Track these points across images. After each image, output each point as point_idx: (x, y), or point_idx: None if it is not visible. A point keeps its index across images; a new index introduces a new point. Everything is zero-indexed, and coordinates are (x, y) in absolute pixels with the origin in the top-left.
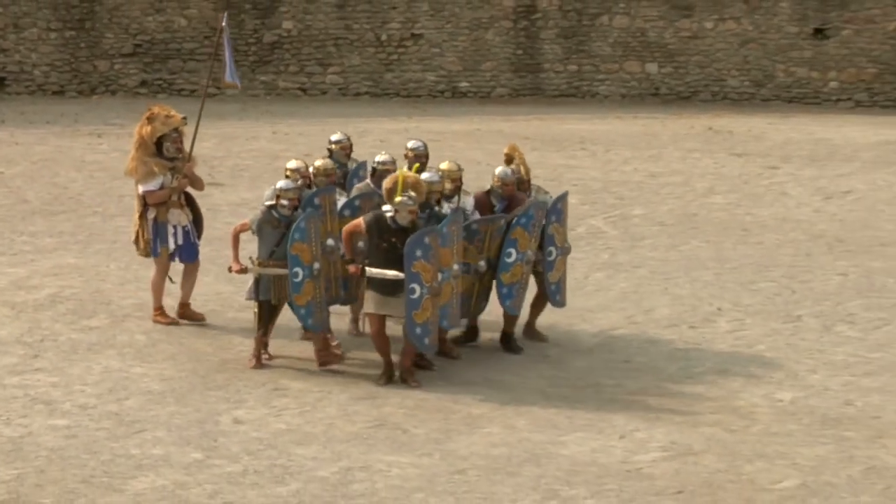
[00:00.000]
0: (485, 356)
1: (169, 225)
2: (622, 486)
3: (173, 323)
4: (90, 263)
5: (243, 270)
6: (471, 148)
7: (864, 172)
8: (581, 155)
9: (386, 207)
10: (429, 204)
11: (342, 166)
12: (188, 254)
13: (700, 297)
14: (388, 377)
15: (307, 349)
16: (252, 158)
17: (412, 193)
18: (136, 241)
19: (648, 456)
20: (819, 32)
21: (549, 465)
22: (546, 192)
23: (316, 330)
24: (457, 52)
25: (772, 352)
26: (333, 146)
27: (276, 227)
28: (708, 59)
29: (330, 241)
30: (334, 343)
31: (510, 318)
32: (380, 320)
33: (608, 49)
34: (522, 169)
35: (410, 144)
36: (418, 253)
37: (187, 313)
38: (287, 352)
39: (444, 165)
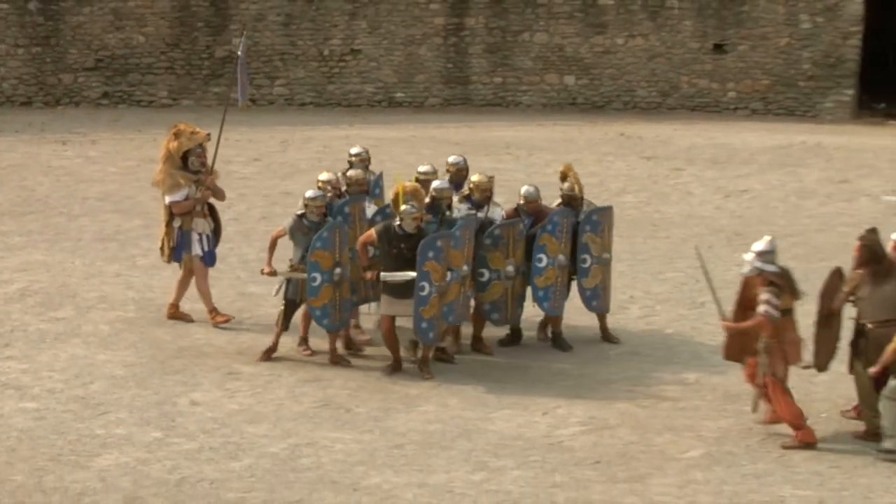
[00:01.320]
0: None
1: (194, 233)
2: (545, 457)
3: (230, 320)
4: (56, 260)
5: (273, 273)
6: (406, 153)
7: (759, 173)
8: (506, 159)
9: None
10: (440, 209)
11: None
12: (209, 260)
13: (615, 287)
14: (395, 370)
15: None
16: None
17: (413, 202)
18: (161, 248)
19: (569, 430)
20: (718, 48)
21: (479, 439)
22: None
23: (331, 330)
24: (392, 66)
25: (679, 335)
26: (353, 158)
27: (306, 233)
28: (619, 71)
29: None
30: (364, 337)
31: (554, 320)
32: (391, 320)
33: (530, 63)
34: (577, 188)
35: (451, 160)
36: (430, 254)
37: (177, 314)
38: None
39: (475, 178)
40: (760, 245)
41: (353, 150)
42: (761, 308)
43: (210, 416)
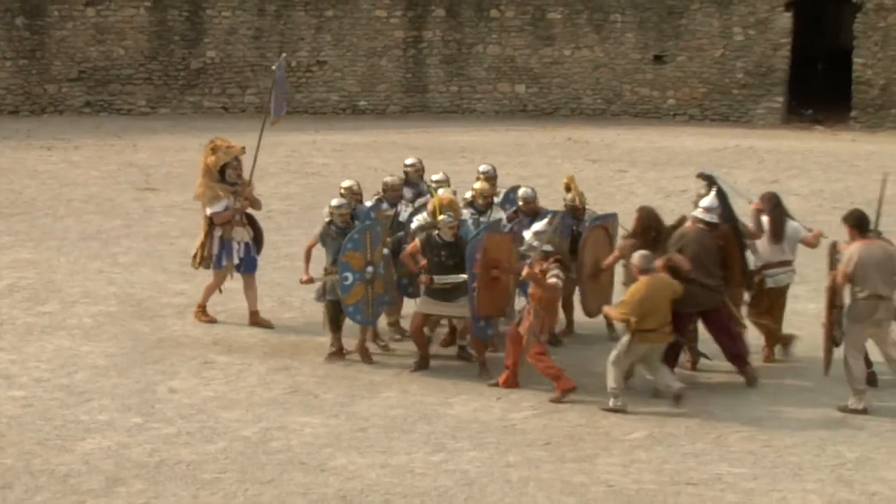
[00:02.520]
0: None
1: (234, 241)
2: (499, 439)
3: (212, 321)
4: (43, 258)
5: (310, 280)
6: (369, 157)
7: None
8: (462, 162)
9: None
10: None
11: (416, 186)
12: (248, 266)
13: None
14: (420, 367)
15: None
16: (182, 167)
17: (451, 212)
18: (195, 256)
19: (521, 414)
20: (658, 58)
21: (438, 423)
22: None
23: (365, 324)
24: (356, 76)
25: (621, 325)
26: (409, 169)
27: (335, 238)
28: (567, 80)
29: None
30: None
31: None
32: (422, 318)
33: (483, 73)
34: (578, 200)
35: (482, 168)
36: (478, 255)
37: (258, 320)
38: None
39: (477, 185)
40: (538, 226)
41: (408, 161)
42: (552, 279)
43: (187, 403)
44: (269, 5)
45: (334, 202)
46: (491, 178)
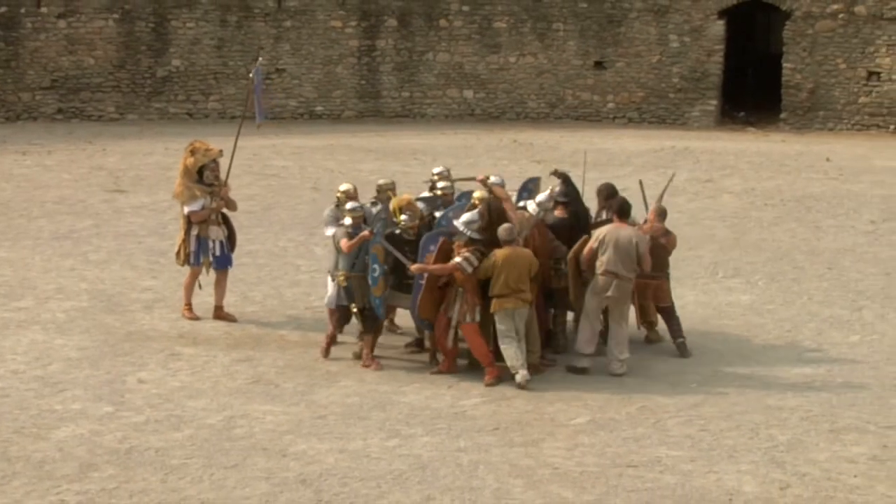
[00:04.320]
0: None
1: (209, 240)
2: (451, 425)
3: (196, 318)
4: (18, 256)
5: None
6: (325, 159)
7: (635, 174)
8: (413, 164)
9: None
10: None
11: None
12: (222, 263)
13: None
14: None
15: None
16: (149, 170)
17: (410, 212)
18: (178, 253)
19: (471, 401)
20: (598, 65)
21: (393, 410)
22: None
23: (382, 318)
24: (313, 83)
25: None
26: (435, 177)
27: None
28: (512, 86)
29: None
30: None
31: None
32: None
33: (433, 79)
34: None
35: (492, 179)
36: (431, 248)
37: (221, 315)
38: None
39: (477, 194)
40: (467, 216)
41: (436, 170)
42: (458, 259)
43: (155, 393)
44: (231, 16)
45: (350, 206)
46: (445, 178)
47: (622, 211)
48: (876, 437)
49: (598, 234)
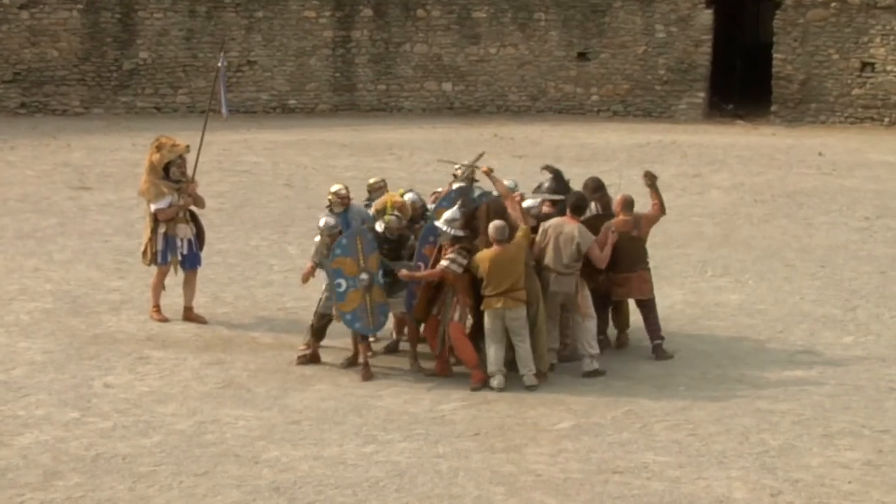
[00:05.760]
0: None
1: (177, 238)
2: (429, 430)
3: (165, 320)
4: None
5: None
6: (299, 155)
7: (620, 169)
8: (390, 159)
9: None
10: (416, 219)
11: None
12: (191, 262)
13: None
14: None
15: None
16: (116, 166)
17: (399, 214)
18: (144, 253)
19: (450, 405)
20: (582, 56)
21: (369, 414)
22: None
23: (367, 332)
24: (285, 76)
25: None
26: (458, 172)
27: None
28: (492, 78)
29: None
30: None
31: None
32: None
33: (411, 71)
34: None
35: (507, 183)
36: (431, 239)
37: (191, 316)
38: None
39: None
40: (448, 214)
41: (456, 167)
42: (444, 262)
43: (122, 398)
44: (200, 6)
45: (322, 221)
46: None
47: (575, 207)
48: (871, 441)
49: (543, 227)
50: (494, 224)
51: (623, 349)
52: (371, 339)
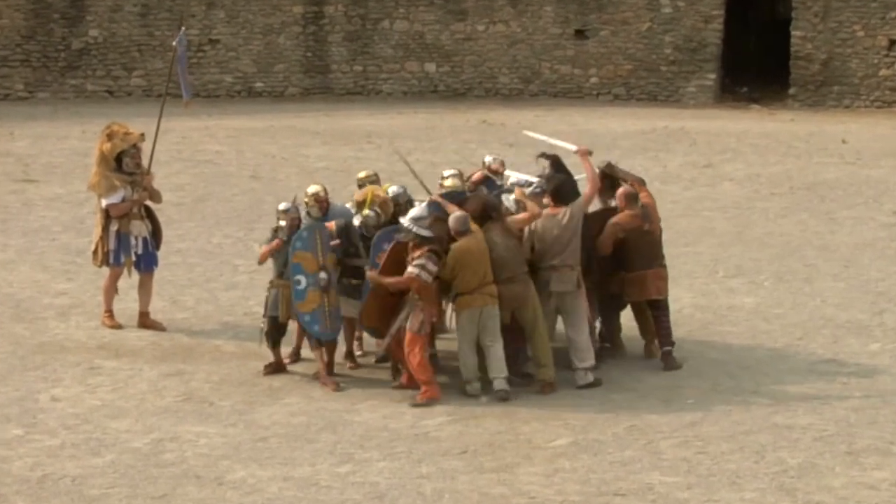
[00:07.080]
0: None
1: (131, 236)
2: (412, 448)
3: (118, 327)
4: None
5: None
6: (266, 143)
7: (623, 159)
8: (368, 148)
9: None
10: (399, 215)
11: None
12: (147, 263)
13: None
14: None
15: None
16: (63, 156)
17: (378, 210)
18: (95, 252)
19: (435, 420)
20: (580, 33)
21: (345, 431)
22: None
23: (325, 338)
24: (251, 56)
25: None
26: (494, 164)
27: (282, 250)
28: (481, 58)
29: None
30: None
31: None
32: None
33: (390, 51)
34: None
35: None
36: (385, 246)
37: (147, 322)
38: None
39: (448, 182)
40: (416, 211)
41: (487, 159)
42: (413, 269)
43: (72, 412)
44: None
45: (282, 205)
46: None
47: (556, 193)
48: None
49: (529, 228)
50: (455, 216)
51: (654, 358)
52: (358, 352)
